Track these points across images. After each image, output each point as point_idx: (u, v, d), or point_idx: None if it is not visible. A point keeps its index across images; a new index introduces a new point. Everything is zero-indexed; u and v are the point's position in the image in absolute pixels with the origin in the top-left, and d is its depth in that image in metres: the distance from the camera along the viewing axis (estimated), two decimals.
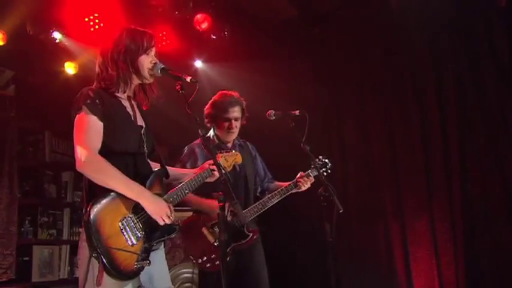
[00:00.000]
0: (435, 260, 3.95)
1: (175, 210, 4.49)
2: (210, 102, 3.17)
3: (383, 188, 4.33)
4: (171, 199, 2.20)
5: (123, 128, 2.11)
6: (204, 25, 4.45)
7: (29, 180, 4.48)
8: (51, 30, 4.07)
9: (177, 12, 4.41)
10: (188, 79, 2.28)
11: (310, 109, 3.08)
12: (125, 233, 1.99)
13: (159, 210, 2.06)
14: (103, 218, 1.94)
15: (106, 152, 2.04)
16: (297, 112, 3.08)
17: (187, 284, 4.14)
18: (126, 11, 4.26)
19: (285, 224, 3.09)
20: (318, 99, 4.52)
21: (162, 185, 2.22)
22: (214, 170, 2.34)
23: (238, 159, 2.64)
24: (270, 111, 3.14)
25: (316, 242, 3.36)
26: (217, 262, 2.81)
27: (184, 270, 4.16)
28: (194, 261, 2.94)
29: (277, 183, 3.24)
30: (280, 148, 3.42)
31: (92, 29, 4.18)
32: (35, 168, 4.70)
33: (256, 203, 3.03)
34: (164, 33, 4.53)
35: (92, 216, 1.91)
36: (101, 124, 2.05)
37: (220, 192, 2.20)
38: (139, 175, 2.12)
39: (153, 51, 2.31)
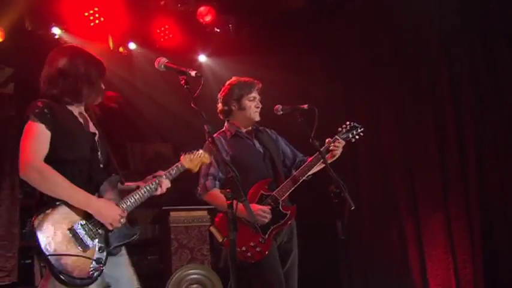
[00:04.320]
0: (451, 259, 3.82)
1: (186, 210, 4.44)
2: (227, 87, 3.02)
3: (396, 186, 4.19)
4: (124, 205, 2.17)
5: (75, 136, 2.11)
6: (208, 18, 4.35)
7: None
8: (50, 26, 3.99)
9: (179, 5, 4.31)
10: (193, 73, 2.23)
11: (319, 103, 2.94)
12: (74, 240, 1.98)
13: (106, 216, 2.05)
14: (48, 227, 1.94)
15: (58, 160, 2.03)
16: (306, 106, 2.95)
17: (194, 285, 4.03)
18: (127, 4, 4.17)
19: (297, 220, 2.96)
20: (327, 93, 4.39)
21: (116, 191, 2.20)
22: (160, 184, 2.32)
23: (205, 159, 2.55)
24: (277, 106, 3.01)
25: (328, 240, 3.24)
26: (258, 249, 2.70)
27: (191, 271, 4.06)
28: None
29: (310, 158, 3.07)
30: (293, 143, 3.30)
31: (92, 24, 4.11)
32: None
33: (287, 180, 2.87)
34: (167, 26, 4.44)
35: (36, 227, 1.92)
36: (48, 133, 2.03)
37: (228, 190, 2.09)
38: (93, 182, 2.12)
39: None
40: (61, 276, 1.89)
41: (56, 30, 4.02)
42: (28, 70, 4.40)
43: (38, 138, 2.00)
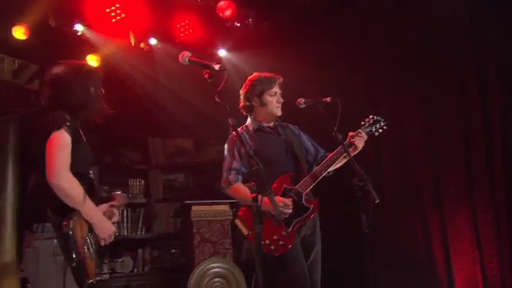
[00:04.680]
0: (477, 253, 3.74)
1: (207, 204, 4.49)
2: (248, 83, 3.04)
3: (420, 180, 4.11)
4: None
5: (85, 152, 2.28)
6: (228, 12, 4.34)
7: None
8: (73, 23, 4.03)
9: (200, 0, 4.30)
10: (217, 67, 2.29)
11: (341, 96, 2.91)
12: (88, 248, 2.17)
13: (105, 231, 2.24)
14: (78, 231, 2.13)
15: (74, 173, 2.15)
16: (328, 99, 2.94)
17: (217, 279, 4.06)
18: (148, 0, 4.18)
19: (320, 214, 2.94)
20: (349, 85, 4.32)
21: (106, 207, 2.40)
22: (113, 213, 2.40)
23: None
24: (300, 99, 3.01)
25: (352, 233, 3.21)
26: (282, 242, 2.71)
27: (214, 264, 4.09)
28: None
29: (331, 154, 3.09)
30: (312, 137, 3.28)
31: (114, 20, 4.12)
32: None
33: (310, 173, 2.88)
34: (187, 21, 4.44)
35: (71, 229, 2.08)
36: (70, 146, 2.18)
37: (252, 183, 2.10)
38: (95, 196, 2.27)
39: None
40: (82, 280, 2.08)
41: (79, 27, 4.06)
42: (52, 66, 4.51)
43: (68, 150, 2.13)
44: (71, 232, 2.06)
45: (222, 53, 4.70)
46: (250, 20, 4.42)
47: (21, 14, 3.86)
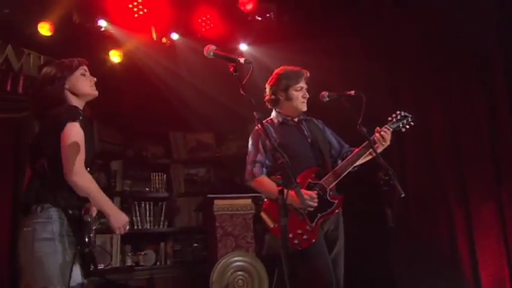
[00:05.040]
0: (504, 249, 3.65)
1: (230, 198, 4.53)
2: (274, 77, 3.03)
3: (444, 173, 4.03)
4: None
5: (91, 145, 2.33)
6: (249, 6, 4.34)
7: None
8: (96, 19, 4.08)
9: None
10: (242, 60, 2.29)
11: (363, 88, 2.88)
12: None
13: (120, 222, 2.30)
14: (93, 221, 2.29)
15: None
16: (353, 92, 2.91)
17: (239, 272, 4.07)
18: None
19: (344, 209, 2.92)
20: (372, 78, 4.26)
21: None
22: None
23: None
24: (323, 93, 2.99)
25: (377, 228, 3.19)
26: (306, 237, 2.72)
27: (236, 258, 4.10)
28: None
29: (356, 149, 3.07)
30: (335, 131, 3.26)
31: (136, 15, 4.17)
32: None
33: (335, 168, 2.87)
34: (208, 16, 4.45)
35: (89, 217, 2.22)
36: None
37: (278, 176, 2.10)
38: None
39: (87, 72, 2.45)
40: (91, 266, 2.21)
41: (102, 23, 4.11)
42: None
43: (83, 145, 2.18)
44: (89, 219, 2.19)
45: (243, 47, 4.70)
46: (271, 13, 4.41)
47: (46, 10, 3.92)
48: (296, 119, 3.03)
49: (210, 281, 3.96)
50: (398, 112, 3.04)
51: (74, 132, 2.16)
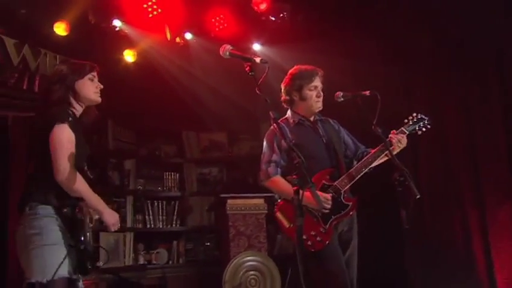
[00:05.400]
0: None
1: (242, 198, 4.56)
2: (288, 77, 3.02)
3: (459, 174, 3.99)
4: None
5: (81, 148, 2.32)
6: (263, 6, 4.34)
7: (95, 168, 4.56)
8: (111, 19, 4.12)
9: None
10: (258, 60, 2.29)
11: (378, 89, 2.86)
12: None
13: (113, 217, 2.34)
14: (87, 220, 2.34)
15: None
16: (368, 92, 2.90)
17: (252, 272, 4.08)
18: None
19: (357, 210, 2.91)
20: (387, 78, 4.24)
21: None
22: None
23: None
24: (338, 93, 2.97)
25: (392, 229, 3.17)
26: (319, 238, 2.71)
27: (249, 257, 4.12)
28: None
29: (373, 150, 3.00)
30: (350, 131, 3.25)
31: (150, 15, 4.19)
32: (99, 156, 4.80)
33: (350, 170, 2.85)
34: (222, 16, 4.46)
35: (83, 216, 2.29)
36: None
37: (294, 176, 2.09)
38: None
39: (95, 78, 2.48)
40: (87, 263, 2.25)
41: (117, 23, 4.14)
42: (92, 61, 4.61)
43: (72, 146, 2.23)
44: (83, 218, 2.26)
45: (257, 47, 4.70)
46: (285, 13, 4.40)
47: (62, 10, 3.97)
48: (312, 119, 3.01)
49: (222, 280, 3.98)
50: (414, 114, 3.01)
51: (62, 133, 2.21)
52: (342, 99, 2.96)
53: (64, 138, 2.21)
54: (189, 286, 4.84)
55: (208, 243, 5.06)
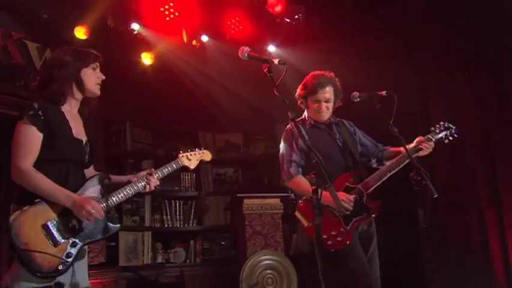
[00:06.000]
0: None
1: (259, 197, 4.55)
2: (302, 83, 3.06)
3: (476, 173, 3.98)
4: (109, 201, 2.30)
5: (60, 140, 2.21)
6: (278, 8, 4.37)
7: (114, 169, 4.67)
8: (130, 22, 4.20)
9: None
10: (276, 61, 2.33)
11: (394, 89, 2.89)
12: (46, 235, 2.11)
13: (80, 210, 2.15)
14: (23, 222, 2.09)
15: (43, 159, 2.17)
16: (384, 93, 2.92)
17: (268, 271, 4.12)
18: None
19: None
20: (402, 78, 4.25)
21: (98, 189, 2.32)
22: (148, 181, 2.42)
23: (206, 156, 2.72)
24: (354, 93, 3.00)
25: (409, 228, 3.18)
26: (340, 239, 2.73)
27: (265, 257, 4.16)
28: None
29: (392, 149, 3.05)
30: (366, 131, 3.27)
31: (168, 19, 4.26)
32: (118, 156, 4.90)
33: (374, 174, 2.88)
34: (237, 18, 4.52)
35: (11, 222, 2.07)
36: (40, 135, 2.17)
37: (312, 175, 2.13)
38: (72, 182, 2.23)
39: (97, 68, 2.38)
40: (30, 269, 2.05)
41: (135, 26, 4.23)
42: (110, 65, 4.71)
43: (27, 140, 2.14)
44: (11, 223, 2.06)
45: (272, 48, 4.74)
46: (300, 15, 4.43)
47: (82, 15, 4.07)
48: (326, 122, 3.04)
49: (239, 279, 4.03)
50: (441, 123, 3.03)
51: (18, 130, 2.16)
52: (358, 99, 2.99)
53: (18, 134, 2.15)
54: (206, 284, 4.90)
55: (224, 243, 5.12)
